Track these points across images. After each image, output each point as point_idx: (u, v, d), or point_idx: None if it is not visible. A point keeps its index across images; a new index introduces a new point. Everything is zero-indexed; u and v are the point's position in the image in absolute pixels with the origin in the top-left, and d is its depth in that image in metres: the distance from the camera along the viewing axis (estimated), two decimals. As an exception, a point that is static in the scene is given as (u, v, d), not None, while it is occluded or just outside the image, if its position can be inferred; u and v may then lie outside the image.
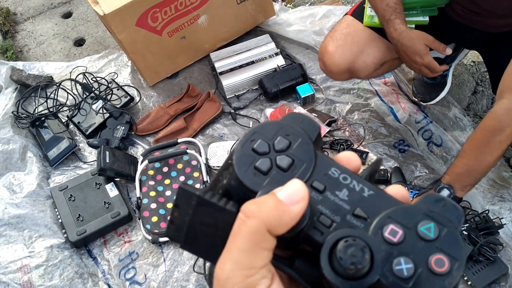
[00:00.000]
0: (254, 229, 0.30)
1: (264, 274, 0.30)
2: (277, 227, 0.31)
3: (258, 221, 0.30)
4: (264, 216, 0.31)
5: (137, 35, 1.84)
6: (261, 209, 0.31)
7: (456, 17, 1.43)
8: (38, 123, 1.90)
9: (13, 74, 2.06)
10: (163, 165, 1.74)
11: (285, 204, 0.31)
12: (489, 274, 1.36)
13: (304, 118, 0.36)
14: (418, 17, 1.44)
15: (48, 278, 1.53)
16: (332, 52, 1.52)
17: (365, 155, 1.70)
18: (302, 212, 0.31)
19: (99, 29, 2.46)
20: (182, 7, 1.86)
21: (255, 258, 0.30)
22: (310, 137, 0.35)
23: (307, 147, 0.34)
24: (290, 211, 0.31)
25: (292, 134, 0.35)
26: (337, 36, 1.53)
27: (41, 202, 1.72)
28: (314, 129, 0.36)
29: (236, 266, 0.30)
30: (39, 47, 2.44)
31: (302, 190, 0.32)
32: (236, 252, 0.31)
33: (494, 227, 1.42)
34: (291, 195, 0.31)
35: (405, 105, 1.84)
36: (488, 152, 1.24)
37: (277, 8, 2.20)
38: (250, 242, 0.30)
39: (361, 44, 1.50)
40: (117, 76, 2.09)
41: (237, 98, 1.99)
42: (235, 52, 2.03)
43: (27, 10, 2.65)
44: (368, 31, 1.50)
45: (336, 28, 1.57)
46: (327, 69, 1.57)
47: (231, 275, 0.30)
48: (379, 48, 1.51)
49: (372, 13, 1.46)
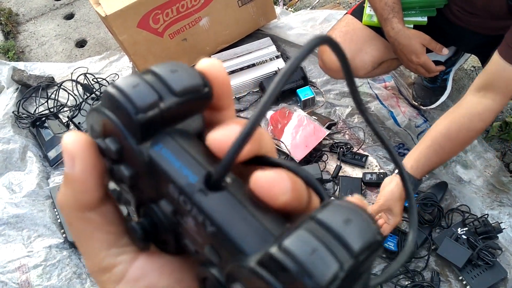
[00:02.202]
0: (62, 211, 0.26)
1: (116, 252, 0.26)
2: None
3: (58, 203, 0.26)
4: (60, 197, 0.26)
5: (138, 36, 1.84)
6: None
7: (454, 18, 1.43)
8: (38, 123, 1.90)
9: (15, 74, 2.06)
10: (162, 166, 1.74)
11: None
12: (487, 279, 1.36)
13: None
14: (416, 17, 1.45)
15: (46, 278, 1.53)
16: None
17: (365, 158, 1.70)
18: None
19: (101, 30, 2.47)
20: (184, 9, 1.87)
21: (88, 239, 0.26)
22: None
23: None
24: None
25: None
26: (336, 34, 1.55)
27: (41, 202, 1.72)
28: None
29: (88, 261, 0.27)
30: (40, 48, 2.45)
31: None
32: (79, 246, 0.27)
33: (493, 232, 1.42)
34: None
35: (405, 109, 1.84)
36: (459, 144, 1.26)
37: (279, 12, 2.21)
38: (68, 220, 0.26)
39: (359, 42, 1.52)
40: (118, 77, 2.10)
41: (237, 100, 1.99)
42: (236, 55, 2.04)
43: (29, 11, 2.66)
44: (367, 30, 1.52)
45: (336, 26, 1.59)
46: (325, 66, 1.59)
47: (93, 274, 0.27)
48: (377, 47, 1.52)
49: (371, 12, 1.47)
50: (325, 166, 1.71)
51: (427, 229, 1.48)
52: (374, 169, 1.69)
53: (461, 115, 1.25)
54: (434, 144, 1.26)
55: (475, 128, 1.25)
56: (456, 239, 1.41)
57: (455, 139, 1.25)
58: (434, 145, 1.26)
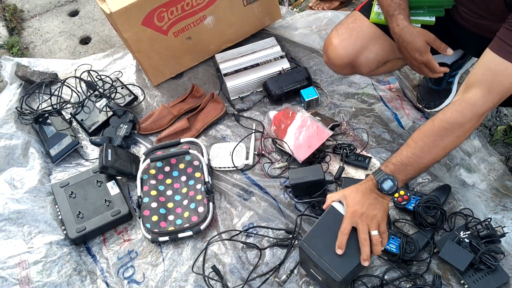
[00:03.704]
0: None
1: None
2: None
3: None
4: None
5: (142, 34, 1.84)
6: None
7: (462, 21, 1.42)
8: (41, 119, 1.90)
9: (18, 70, 2.06)
10: (165, 165, 1.74)
11: None
12: (490, 283, 1.34)
13: None
14: (424, 17, 1.44)
15: (46, 274, 1.53)
16: (336, 44, 1.54)
17: (368, 160, 1.69)
18: None
19: (105, 27, 2.47)
20: (189, 7, 1.86)
21: None
22: None
23: None
24: None
25: None
26: (342, 30, 1.55)
27: (42, 198, 1.71)
28: None
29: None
30: (45, 44, 2.45)
31: None
32: None
33: (496, 236, 1.41)
34: None
35: (409, 111, 1.83)
36: (442, 146, 1.19)
37: (284, 12, 2.20)
38: None
39: (365, 39, 1.51)
40: (122, 74, 2.10)
41: (241, 99, 1.99)
42: (240, 54, 2.04)
43: (34, 8, 2.66)
44: (374, 28, 1.51)
45: (343, 22, 1.58)
46: (330, 61, 1.59)
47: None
48: (383, 46, 1.52)
49: (379, 10, 1.47)
50: (328, 167, 1.70)
51: (429, 232, 1.47)
52: (377, 171, 1.68)
53: (443, 112, 1.20)
54: (412, 143, 1.21)
55: (455, 125, 1.17)
56: (459, 243, 1.40)
57: (435, 136, 1.19)
58: (412, 144, 1.21)
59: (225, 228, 1.61)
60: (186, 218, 1.60)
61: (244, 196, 1.67)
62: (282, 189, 1.66)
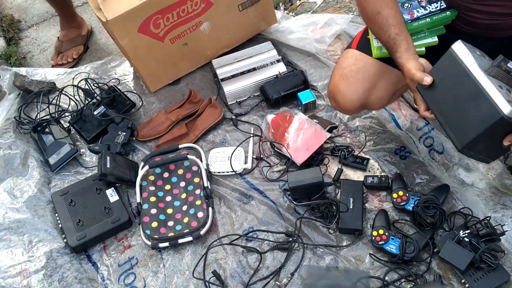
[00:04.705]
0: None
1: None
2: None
3: None
4: None
5: (139, 41, 1.85)
6: None
7: (467, 28, 1.38)
8: (40, 128, 1.90)
9: (16, 80, 2.07)
10: (163, 171, 1.74)
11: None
12: (490, 281, 1.34)
13: None
14: (426, 39, 1.41)
15: (47, 283, 1.53)
16: (344, 90, 1.49)
17: (366, 161, 1.69)
18: None
19: (102, 35, 2.48)
20: (185, 13, 1.87)
21: None
22: None
23: None
24: None
25: None
26: (347, 74, 1.49)
27: (42, 207, 1.72)
28: None
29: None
30: (42, 53, 2.46)
31: None
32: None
33: (496, 234, 1.41)
34: None
35: (407, 112, 1.84)
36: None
37: (279, 16, 2.21)
38: None
39: (372, 79, 1.47)
40: (119, 82, 2.10)
41: (238, 104, 1.99)
42: (236, 59, 2.04)
43: (31, 18, 2.67)
44: (378, 64, 1.47)
45: (344, 65, 1.52)
46: (340, 107, 1.55)
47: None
48: (391, 80, 1.48)
49: (379, 44, 1.41)
50: (326, 170, 1.70)
51: (429, 232, 1.47)
52: (376, 172, 1.68)
53: None
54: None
55: None
56: (459, 242, 1.40)
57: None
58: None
59: (225, 232, 1.61)
60: (186, 223, 1.61)
61: (243, 200, 1.68)
62: (281, 193, 1.67)
